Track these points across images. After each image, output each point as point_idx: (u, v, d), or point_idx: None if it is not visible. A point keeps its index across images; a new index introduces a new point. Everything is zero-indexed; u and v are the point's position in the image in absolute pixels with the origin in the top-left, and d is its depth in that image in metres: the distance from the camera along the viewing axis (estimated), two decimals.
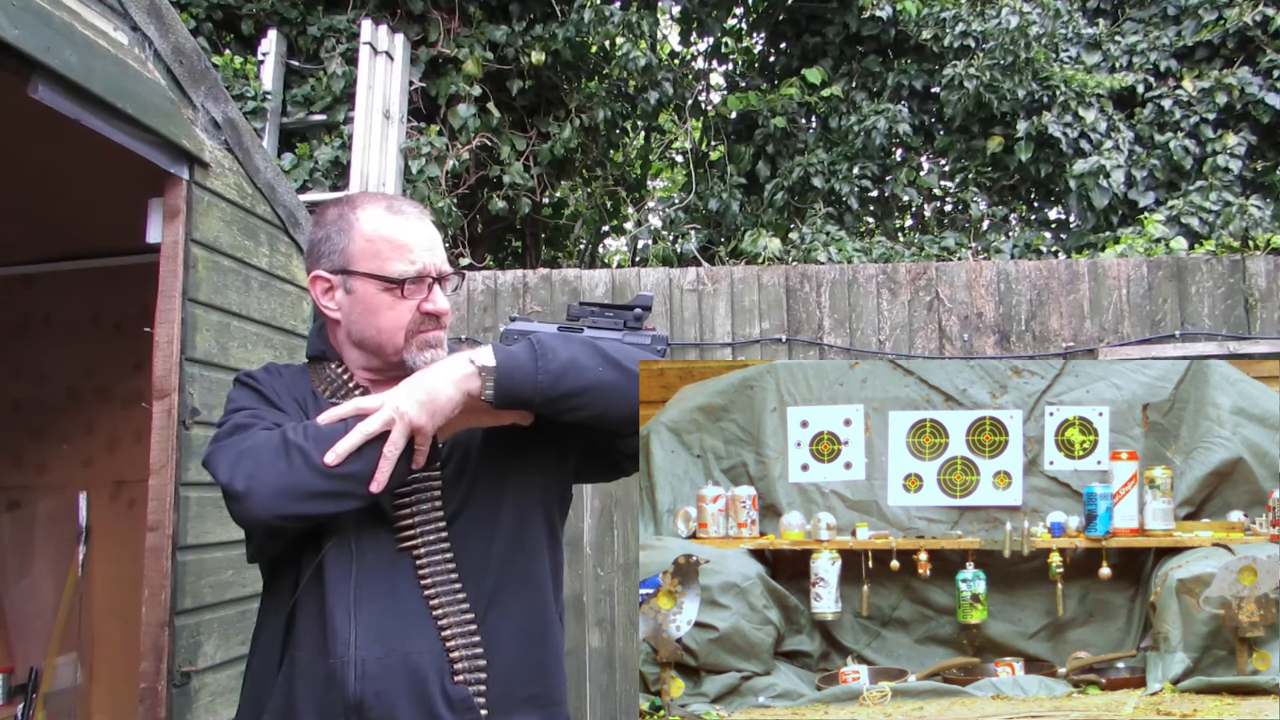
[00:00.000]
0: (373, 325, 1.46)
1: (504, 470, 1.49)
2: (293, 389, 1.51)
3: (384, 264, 1.44)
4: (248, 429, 1.39)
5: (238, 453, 1.35)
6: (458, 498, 1.44)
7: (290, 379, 1.53)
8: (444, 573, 1.41)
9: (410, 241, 1.46)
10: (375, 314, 1.45)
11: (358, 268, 1.45)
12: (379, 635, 1.35)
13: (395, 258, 1.45)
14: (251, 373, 1.54)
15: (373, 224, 1.46)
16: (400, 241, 1.46)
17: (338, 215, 1.50)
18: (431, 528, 1.43)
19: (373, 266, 1.45)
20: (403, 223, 1.47)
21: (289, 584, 1.42)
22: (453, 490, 1.44)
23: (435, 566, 1.41)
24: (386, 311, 1.45)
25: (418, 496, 1.43)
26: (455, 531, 1.43)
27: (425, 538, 1.42)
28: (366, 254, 1.45)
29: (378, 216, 1.47)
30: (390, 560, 1.40)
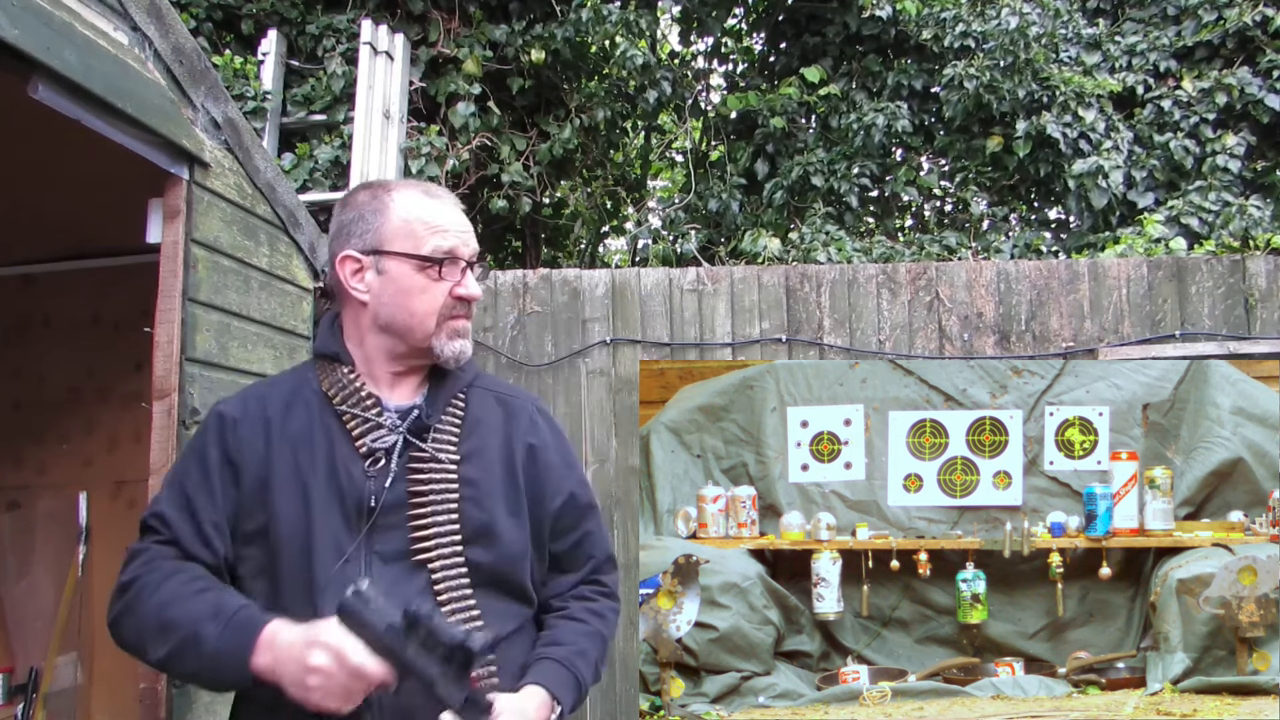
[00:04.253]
0: (405, 308, 1.43)
1: (516, 502, 1.48)
2: (289, 408, 1.44)
3: (419, 243, 1.43)
4: (152, 553, 1.37)
5: (144, 564, 1.36)
6: (476, 515, 1.42)
7: (287, 394, 1.47)
8: (459, 587, 1.38)
9: (446, 223, 1.45)
10: (408, 296, 1.43)
11: (392, 247, 1.43)
12: None
13: (431, 238, 1.43)
14: (224, 412, 1.45)
15: (408, 205, 1.45)
16: (436, 223, 1.44)
17: (370, 197, 1.47)
18: (448, 540, 1.39)
19: (408, 246, 1.43)
20: (438, 205, 1.46)
21: (273, 586, 1.37)
22: (472, 506, 1.42)
23: (451, 582, 1.37)
24: (420, 294, 1.43)
25: (434, 509, 1.39)
26: (469, 549, 1.40)
27: (440, 550, 1.38)
28: (401, 234, 1.43)
29: (413, 198, 1.46)
30: (406, 574, 1.36)
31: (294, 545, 1.35)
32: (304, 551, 1.35)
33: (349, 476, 1.38)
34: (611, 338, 3.89)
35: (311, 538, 1.35)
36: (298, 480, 1.38)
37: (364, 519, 1.36)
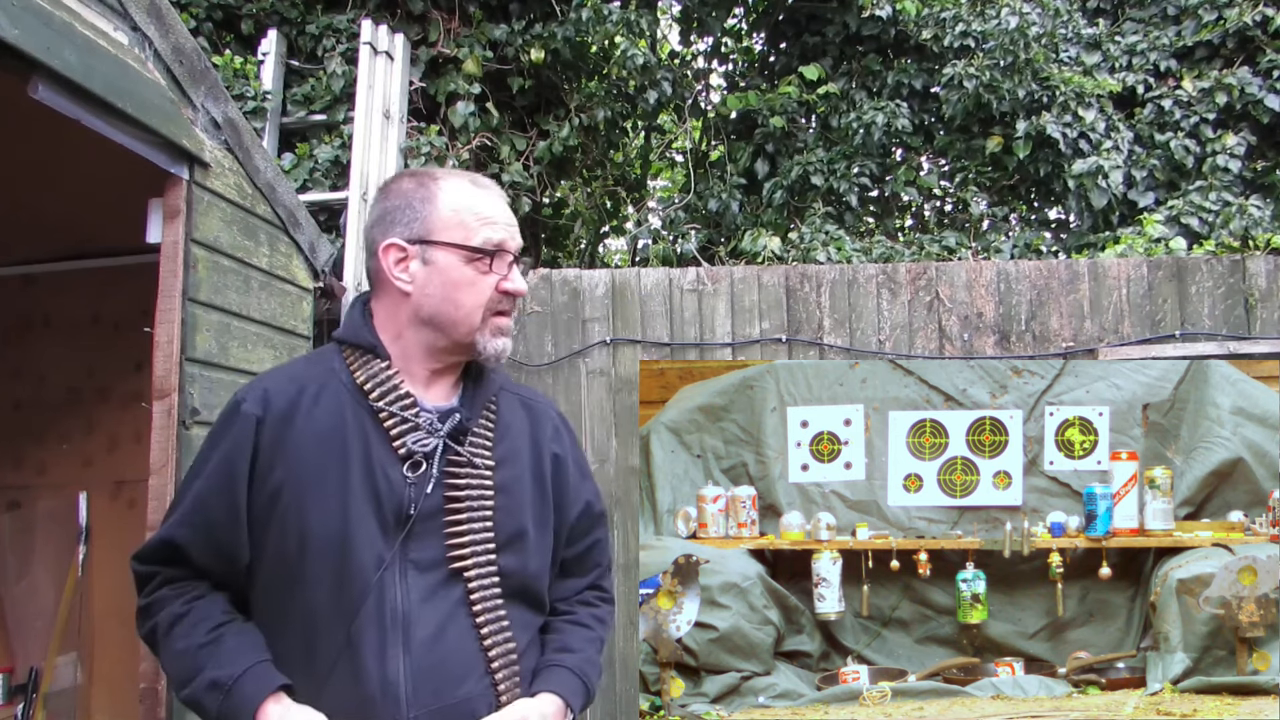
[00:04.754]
0: (451, 300, 1.38)
1: (543, 511, 1.47)
2: (317, 401, 1.36)
3: (470, 234, 1.38)
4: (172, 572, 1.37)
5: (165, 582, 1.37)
6: (508, 523, 1.40)
7: (314, 385, 1.38)
8: (492, 597, 1.36)
9: (495, 215, 1.41)
10: (456, 288, 1.38)
11: (441, 237, 1.38)
12: (430, 677, 1.28)
13: (482, 229, 1.39)
14: (247, 410, 1.36)
15: (457, 195, 1.40)
16: (487, 214, 1.40)
17: (417, 185, 1.42)
18: (483, 549, 1.36)
19: (458, 236, 1.38)
20: (487, 196, 1.42)
21: (293, 584, 1.32)
22: (504, 514, 1.40)
23: (485, 591, 1.35)
24: (467, 287, 1.38)
25: (470, 516, 1.36)
26: (501, 556, 1.38)
27: (476, 558, 1.36)
28: (451, 224, 1.38)
29: (462, 188, 1.42)
30: (443, 583, 1.33)
31: (329, 553, 1.29)
32: (341, 559, 1.29)
33: (387, 481, 1.32)
34: (611, 338, 3.89)
35: (349, 545, 1.29)
36: (331, 482, 1.31)
37: (401, 526, 1.31)
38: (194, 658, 1.29)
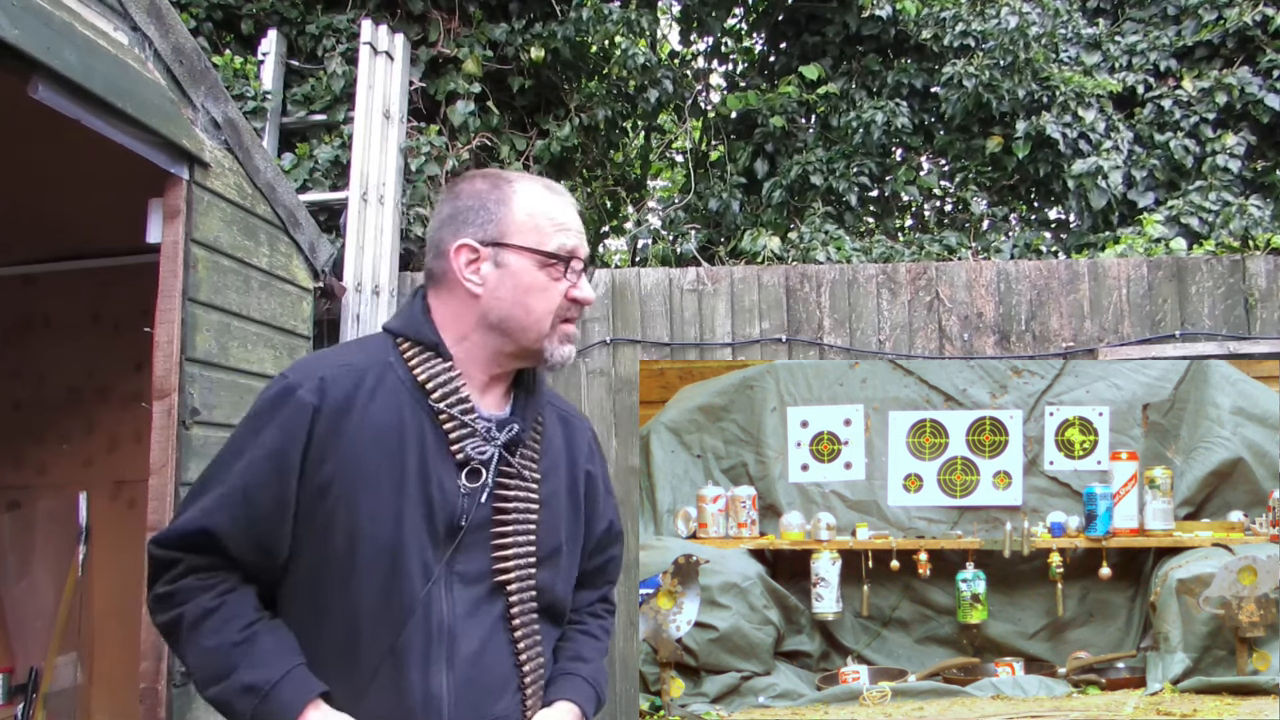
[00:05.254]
0: (522, 304, 1.35)
1: (575, 528, 1.48)
2: (373, 395, 1.31)
3: (545, 239, 1.37)
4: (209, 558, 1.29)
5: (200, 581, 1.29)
6: (549, 539, 1.40)
7: (371, 377, 1.33)
8: (529, 612, 1.36)
9: (569, 221, 1.40)
10: (528, 293, 1.36)
11: (515, 240, 1.36)
12: (470, 692, 1.28)
13: (556, 235, 1.37)
14: (303, 397, 1.29)
15: (533, 199, 1.39)
16: (561, 220, 1.39)
17: (490, 186, 1.40)
18: (525, 563, 1.36)
19: (532, 241, 1.36)
20: (561, 202, 1.41)
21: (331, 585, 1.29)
22: (545, 528, 1.39)
23: (524, 605, 1.35)
24: (540, 292, 1.36)
25: (516, 529, 1.35)
26: (538, 571, 1.38)
27: (518, 573, 1.35)
28: (526, 228, 1.36)
29: (537, 192, 1.40)
30: (486, 597, 1.32)
31: (380, 557, 1.26)
32: (390, 566, 1.26)
33: (441, 489, 1.29)
34: (611, 338, 3.89)
35: (400, 553, 1.26)
36: (385, 483, 1.27)
37: (451, 536, 1.29)
38: (226, 656, 1.24)
